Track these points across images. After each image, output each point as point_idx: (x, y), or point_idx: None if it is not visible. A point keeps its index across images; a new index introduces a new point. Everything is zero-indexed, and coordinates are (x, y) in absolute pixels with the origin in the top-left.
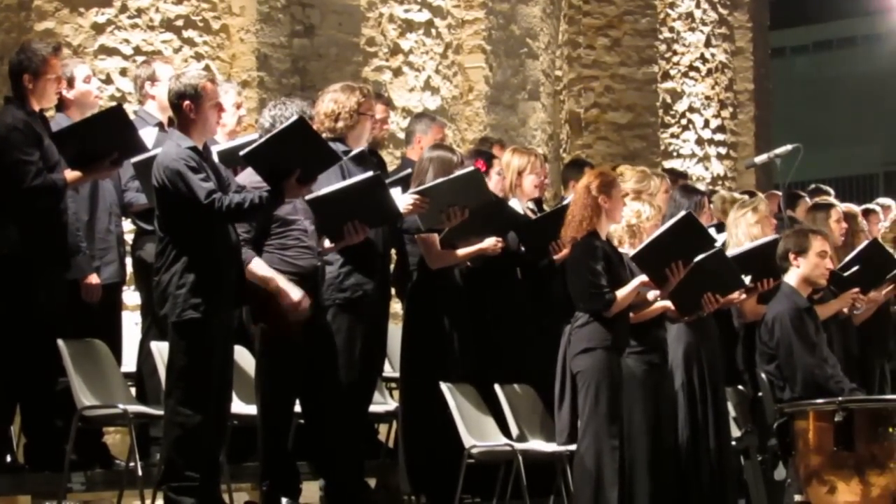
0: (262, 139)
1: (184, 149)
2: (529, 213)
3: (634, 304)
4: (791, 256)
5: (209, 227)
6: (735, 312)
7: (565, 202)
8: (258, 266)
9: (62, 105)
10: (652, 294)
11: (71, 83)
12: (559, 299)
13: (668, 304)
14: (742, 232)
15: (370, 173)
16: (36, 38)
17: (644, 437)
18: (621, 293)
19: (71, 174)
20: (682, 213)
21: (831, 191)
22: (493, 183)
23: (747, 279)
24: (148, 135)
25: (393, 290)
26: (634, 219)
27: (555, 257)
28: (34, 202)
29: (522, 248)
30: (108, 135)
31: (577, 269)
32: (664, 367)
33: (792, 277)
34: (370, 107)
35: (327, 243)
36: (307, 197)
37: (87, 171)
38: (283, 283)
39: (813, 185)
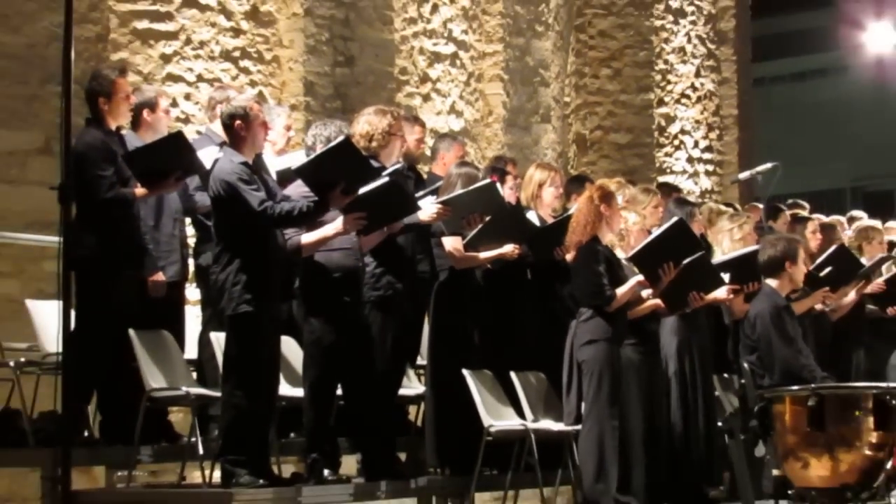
0: (313, 156)
1: (237, 164)
2: (551, 220)
3: (631, 302)
4: (787, 264)
5: (259, 233)
6: (725, 310)
7: (567, 214)
8: (309, 236)
9: (137, 124)
10: (646, 293)
11: (153, 108)
12: (565, 297)
13: (658, 302)
14: (726, 244)
15: (386, 178)
16: (109, 66)
17: (639, 418)
18: (620, 291)
19: (140, 190)
20: (675, 218)
21: (806, 204)
22: (506, 196)
23: (726, 278)
24: (209, 154)
25: None
26: (622, 224)
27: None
28: (108, 212)
29: (530, 253)
30: (172, 156)
31: (582, 270)
32: (657, 357)
33: (774, 280)
34: (400, 128)
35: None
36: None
37: (154, 188)
38: (331, 228)
39: (790, 200)
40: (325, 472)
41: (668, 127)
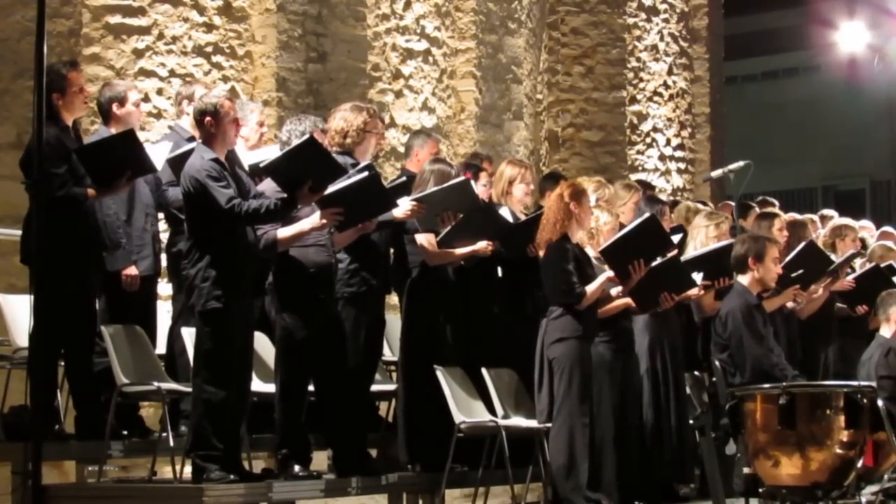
0: (279, 154)
1: (207, 160)
2: (523, 216)
3: (600, 300)
4: (750, 261)
5: (230, 229)
6: (695, 308)
7: (539, 211)
8: (286, 231)
9: (108, 118)
10: (615, 290)
11: (122, 103)
12: (536, 295)
13: (629, 301)
14: (700, 240)
15: (366, 173)
16: (84, 62)
17: (611, 415)
18: (590, 288)
19: (91, 191)
20: (647, 214)
21: (776, 202)
22: (479, 193)
23: (699, 276)
24: (162, 149)
25: None
26: (593, 223)
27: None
28: (59, 210)
29: (503, 250)
30: (122, 155)
31: (551, 269)
32: (630, 354)
33: (745, 278)
34: (375, 125)
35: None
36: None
37: (105, 189)
38: (308, 222)
39: (760, 198)
40: (296, 467)
41: (640, 125)
